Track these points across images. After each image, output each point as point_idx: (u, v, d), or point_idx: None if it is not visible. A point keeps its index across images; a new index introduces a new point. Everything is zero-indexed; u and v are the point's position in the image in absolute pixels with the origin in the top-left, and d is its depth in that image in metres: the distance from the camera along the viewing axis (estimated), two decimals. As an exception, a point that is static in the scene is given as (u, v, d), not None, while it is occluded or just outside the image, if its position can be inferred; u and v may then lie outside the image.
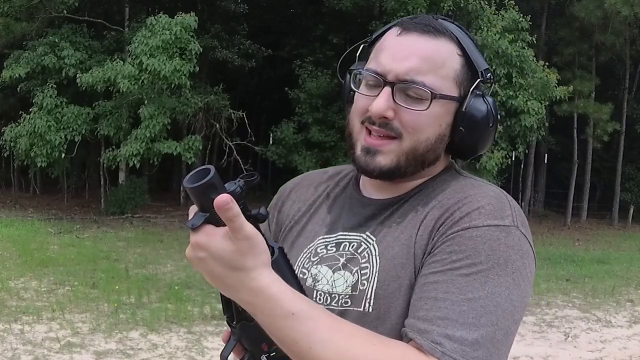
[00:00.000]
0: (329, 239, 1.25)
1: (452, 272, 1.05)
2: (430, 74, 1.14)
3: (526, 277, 1.09)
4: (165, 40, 15.24)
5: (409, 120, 1.15)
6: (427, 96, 1.13)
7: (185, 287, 8.93)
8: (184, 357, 6.05)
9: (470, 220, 1.09)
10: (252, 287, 0.97)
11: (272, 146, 19.60)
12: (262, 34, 23.04)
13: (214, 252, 0.96)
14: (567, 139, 23.56)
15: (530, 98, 17.28)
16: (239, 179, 0.99)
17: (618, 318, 8.44)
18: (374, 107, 1.14)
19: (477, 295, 1.03)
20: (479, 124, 1.18)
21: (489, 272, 1.05)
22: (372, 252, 1.17)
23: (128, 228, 15.69)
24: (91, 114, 16.94)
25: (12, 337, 6.33)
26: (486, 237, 1.07)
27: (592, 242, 18.43)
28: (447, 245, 1.08)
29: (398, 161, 1.17)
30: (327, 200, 1.33)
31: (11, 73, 16.70)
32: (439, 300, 1.04)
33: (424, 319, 1.03)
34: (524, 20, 17.94)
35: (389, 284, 1.13)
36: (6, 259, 10.45)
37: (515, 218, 1.11)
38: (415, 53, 1.15)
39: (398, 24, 1.20)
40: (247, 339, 1.07)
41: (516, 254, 1.07)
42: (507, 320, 1.04)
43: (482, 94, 1.20)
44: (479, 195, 1.13)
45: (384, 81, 1.15)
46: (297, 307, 0.99)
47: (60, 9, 17.50)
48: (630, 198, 24.54)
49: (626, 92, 24.02)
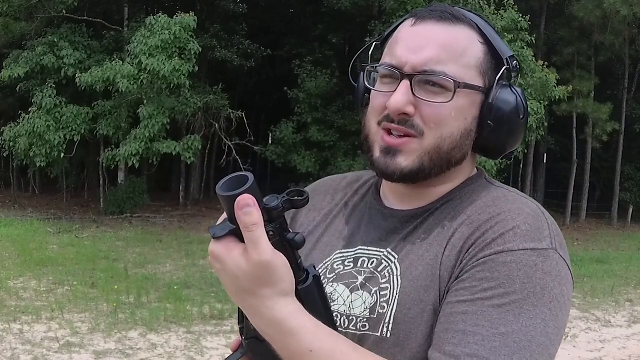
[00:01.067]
0: (346, 253, 1.14)
1: (483, 302, 0.95)
2: (451, 63, 1.04)
3: (564, 305, 0.98)
4: (164, 40, 15.23)
5: (431, 114, 1.04)
6: (450, 86, 1.03)
7: (184, 287, 8.93)
8: (183, 357, 6.05)
9: (505, 242, 0.97)
10: (266, 316, 0.90)
11: (272, 146, 19.60)
12: (262, 33, 23.03)
13: (229, 268, 0.88)
14: (566, 139, 23.56)
15: (529, 98, 17.27)
16: (284, 195, 0.90)
17: (617, 318, 8.44)
18: (392, 103, 1.04)
19: (511, 329, 0.93)
20: (508, 117, 1.07)
21: (523, 303, 0.94)
22: (394, 272, 1.07)
23: (127, 228, 15.68)
24: (90, 114, 16.93)
25: (11, 337, 6.33)
26: (522, 263, 0.96)
27: (591, 241, 18.44)
28: (478, 271, 0.97)
29: (421, 161, 1.06)
30: (344, 210, 1.22)
31: (10, 73, 16.68)
32: (467, 335, 0.93)
33: (452, 355, 0.93)
34: (523, 20, 17.94)
35: (410, 308, 1.02)
36: (5, 259, 10.45)
37: (553, 239, 1.00)
38: (433, 41, 1.05)
39: (412, 15, 1.11)
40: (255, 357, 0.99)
41: (554, 281, 0.97)
42: (542, 356, 0.94)
43: (509, 84, 1.10)
44: (514, 212, 1.01)
45: (401, 74, 1.05)
46: (317, 345, 0.90)
47: (60, 8, 17.48)
48: (630, 198, 24.54)
49: (625, 92, 24.03)
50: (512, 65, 1.09)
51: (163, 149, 15.88)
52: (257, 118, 23.08)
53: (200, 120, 18.23)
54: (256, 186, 0.85)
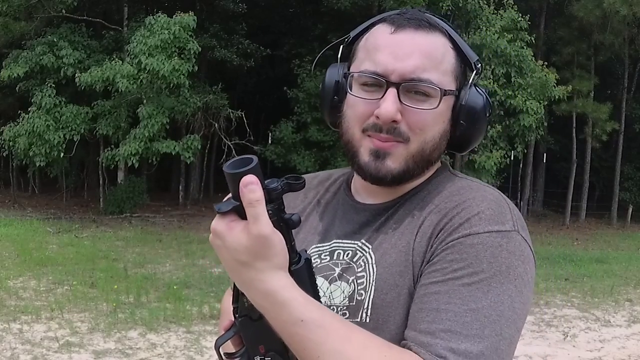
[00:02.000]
0: (322, 247, 1.20)
1: (454, 282, 1.01)
2: (434, 70, 1.10)
3: (528, 282, 1.05)
4: (164, 39, 15.24)
5: (417, 120, 1.10)
6: (434, 93, 1.09)
7: (184, 287, 8.93)
8: (182, 357, 6.05)
9: (471, 226, 1.05)
10: (260, 288, 0.95)
11: (271, 146, 19.61)
12: (261, 33, 23.03)
13: (229, 243, 0.93)
14: (565, 139, 23.57)
15: (529, 98, 17.30)
16: (284, 179, 0.97)
17: (617, 317, 8.44)
18: (383, 112, 1.08)
19: (480, 305, 1.00)
20: (478, 116, 1.16)
21: (491, 281, 1.01)
22: (369, 260, 1.13)
23: (127, 227, 15.68)
24: (90, 114, 16.95)
25: (10, 337, 6.33)
26: (487, 244, 1.03)
27: (590, 241, 18.44)
28: (448, 254, 1.04)
29: (407, 165, 1.12)
30: (317, 207, 1.28)
31: (10, 72, 16.70)
32: (441, 312, 1.00)
33: (427, 332, 0.99)
34: (522, 20, 17.96)
35: (387, 293, 1.08)
36: (5, 259, 10.45)
37: (515, 222, 1.07)
38: (417, 50, 1.10)
39: (386, 21, 1.15)
40: (246, 336, 1.04)
41: (517, 260, 1.04)
42: (510, 329, 1.01)
43: (476, 85, 1.17)
44: (478, 199, 1.09)
45: (387, 82, 1.09)
46: (307, 314, 0.95)
47: (59, 8, 17.49)
48: (629, 197, 24.56)
49: (625, 92, 24.03)
50: (478, 69, 1.17)
51: (162, 148, 15.89)
52: (256, 118, 23.08)
53: (199, 119, 18.24)
54: (259, 167, 0.92)
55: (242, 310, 1.03)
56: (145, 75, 15.20)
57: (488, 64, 17.07)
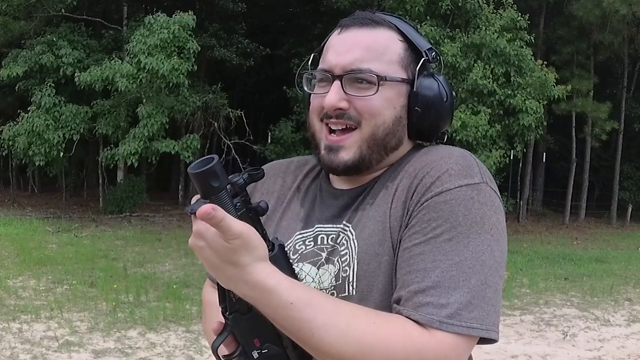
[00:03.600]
0: (305, 234, 1.25)
1: (435, 240, 1.06)
2: (375, 61, 1.18)
3: (502, 231, 1.11)
4: (163, 39, 15.23)
5: (363, 106, 1.18)
6: (374, 80, 1.17)
7: (183, 286, 8.93)
8: (182, 356, 6.04)
9: (442, 183, 1.10)
10: (248, 280, 0.98)
11: (271, 145, 19.60)
12: (260, 32, 23.03)
13: (210, 242, 0.97)
14: (565, 138, 23.56)
15: (528, 97, 17.28)
16: (244, 172, 1.02)
17: (616, 317, 8.44)
18: (326, 102, 1.18)
19: (463, 257, 1.05)
20: (432, 101, 1.21)
21: (469, 233, 1.06)
22: (350, 237, 1.18)
23: (126, 227, 15.68)
24: (89, 113, 16.94)
25: (10, 336, 6.33)
26: (460, 198, 1.08)
27: (590, 241, 18.44)
28: (424, 214, 1.09)
29: (360, 151, 1.19)
30: (297, 194, 1.34)
31: (9, 72, 16.69)
32: (428, 271, 1.05)
33: (417, 292, 1.05)
34: (522, 19, 17.94)
35: (369, 263, 1.13)
36: (4, 258, 10.45)
37: (483, 174, 1.13)
38: (357, 44, 1.20)
39: (339, 25, 1.26)
40: (240, 332, 1.07)
41: (490, 210, 1.10)
42: (494, 277, 1.07)
43: (431, 74, 1.23)
44: (445, 157, 1.14)
45: (332, 76, 1.19)
46: (295, 296, 0.99)
47: (59, 7, 17.49)
48: (629, 197, 24.55)
49: (624, 91, 24.03)
50: (431, 56, 1.23)
51: (162, 148, 15.88)
52: (256, 117, 23.08)
53: (199, 119, 18.23)
54: (220, 165, 0.97)
55: (231, 307, 1.06)
56: (144, 75, 15.19)
57: (487, 63, 17.06)
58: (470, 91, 16.60)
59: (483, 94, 16.83)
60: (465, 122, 15.89)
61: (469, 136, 16.02)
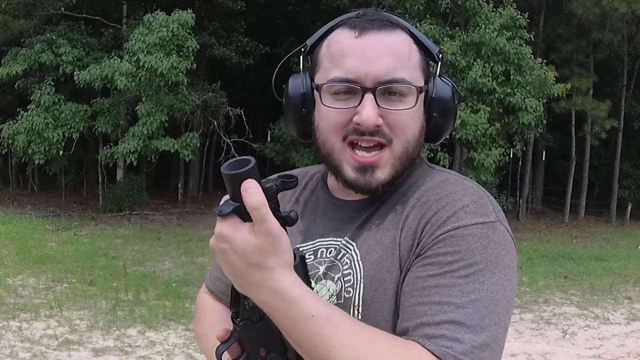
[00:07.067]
0: (306, 247, 1.20)
1: (451, 275, 1.03)
2: (405, 69, 1.10)
3: (514, 271, 1.09)
4: (162, 37, 15.22)
5: (397, 121, 1.10)
6: (411, 91, 1.10)
7: (183, 285, 8.94)
8: (181, 355, 6.05)
9: (458, 219, 1.06)
10: (272, 287, 0.94)
11: (270, 143, 19.60)
12: (260, 31, 23.02)
13: (237, 245, 0.93)
14: (565, 137, 23.55)
15: (528, 95, 17.28)
16: (277, 177, 0.98)
17: (616, 315, 8.45)
18: (365, 119, 1.07)
19: (479, 296, 1.02)
20: (449, 105, 1.17)
21: (484, 272, 1.04)
22: (354, 257, 1.13)
23: (126, 225, 15.68)
24: (89, 111, 16.94)
25: (10, 335, 6.33)
26: (477, 236, 1.05)
27: (590, 239, 18.44)
28: (440, 247, 1.05)
29: (395, 169, 1.13)
30: (296, 206, 1.27)
31: (8, 70, 16.68)
32: (443, 305, 1.02)
33: (431, 324, 1.01)
34: (521, 18, 17.93)
35: (375, 289, 1.10)
36: (4, 256, 10.45)
37: (497, 213, 1.10)
38: (385, 51, 1.09)
39: (347, 25, 1.14)
40: (247, 339, 1.04)
41: (504, 250, 1.07)
42: (506, 318, 1.05)
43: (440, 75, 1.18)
44: (460, 192, 1.10)
45: (362, 88, 1.08)
46: (317, 310, 0.95)
47: (58, 6, 17.48)
48: (628, 195, 24.54)
49: (624, 89, 24.01)
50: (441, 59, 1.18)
51: (161, 146, 15.89)
52: (255, 115, 23.08)
53: (198, 117, 18.24)
54: (257, 168, 0.92)
55: (244, 314, 1.02)
56: (143, 73, 15.19)
57: (487, 61, 17.06)
58: (469, 89, 16.60)
59: (483, 93, 16.83)
60: (465, 120, 15.90)
61: (469, 134, 16.03)
